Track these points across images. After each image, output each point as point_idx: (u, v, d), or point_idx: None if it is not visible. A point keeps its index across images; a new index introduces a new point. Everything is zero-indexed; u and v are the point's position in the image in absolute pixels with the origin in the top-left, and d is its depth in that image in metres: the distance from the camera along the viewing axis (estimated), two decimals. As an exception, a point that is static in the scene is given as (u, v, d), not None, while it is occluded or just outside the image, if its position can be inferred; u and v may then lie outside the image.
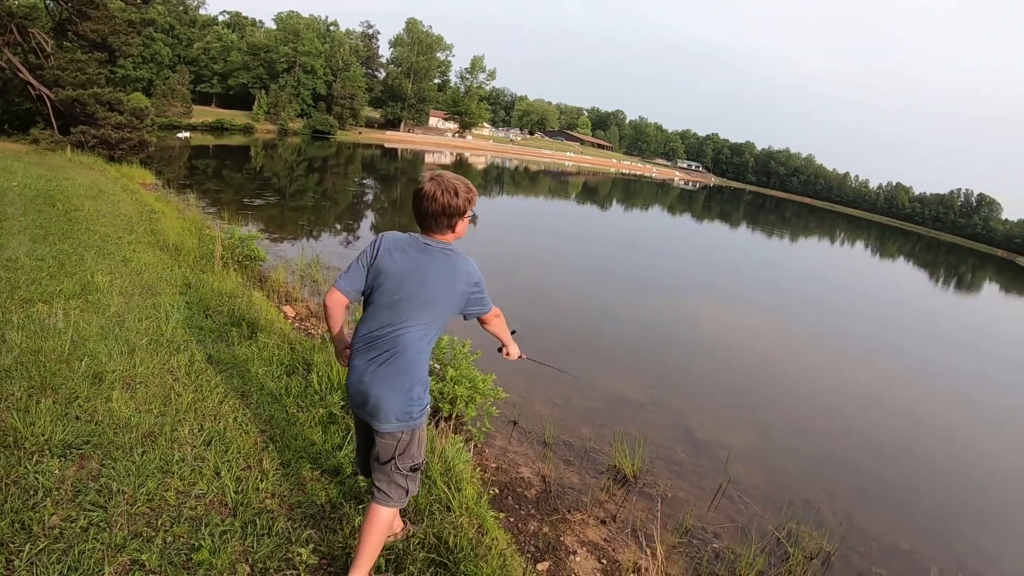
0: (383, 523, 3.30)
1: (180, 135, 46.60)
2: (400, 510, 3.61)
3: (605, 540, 5.72)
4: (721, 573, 5.73)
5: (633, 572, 5.23)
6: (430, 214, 3.10)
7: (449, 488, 4.46)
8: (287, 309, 9.60)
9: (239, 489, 3.91)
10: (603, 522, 6.05)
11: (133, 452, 4.01)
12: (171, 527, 3.46)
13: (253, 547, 3.48)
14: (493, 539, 4.14)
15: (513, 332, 3.89)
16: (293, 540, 3.62)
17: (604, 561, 5.33)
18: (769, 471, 8.39)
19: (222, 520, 3.62)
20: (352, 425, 4.88)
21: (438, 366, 6.67)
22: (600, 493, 6.67)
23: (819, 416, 10.89)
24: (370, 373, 3.12)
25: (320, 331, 8.69)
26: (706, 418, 9.69)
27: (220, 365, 5.68)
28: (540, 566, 4.90)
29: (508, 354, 4.08)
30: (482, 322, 3.56)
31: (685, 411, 9.80)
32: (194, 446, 4.25)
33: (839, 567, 6.45)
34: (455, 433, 6.27)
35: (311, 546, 3.61)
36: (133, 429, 4.26)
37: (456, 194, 3.08)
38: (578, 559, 5.22)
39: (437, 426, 6.02)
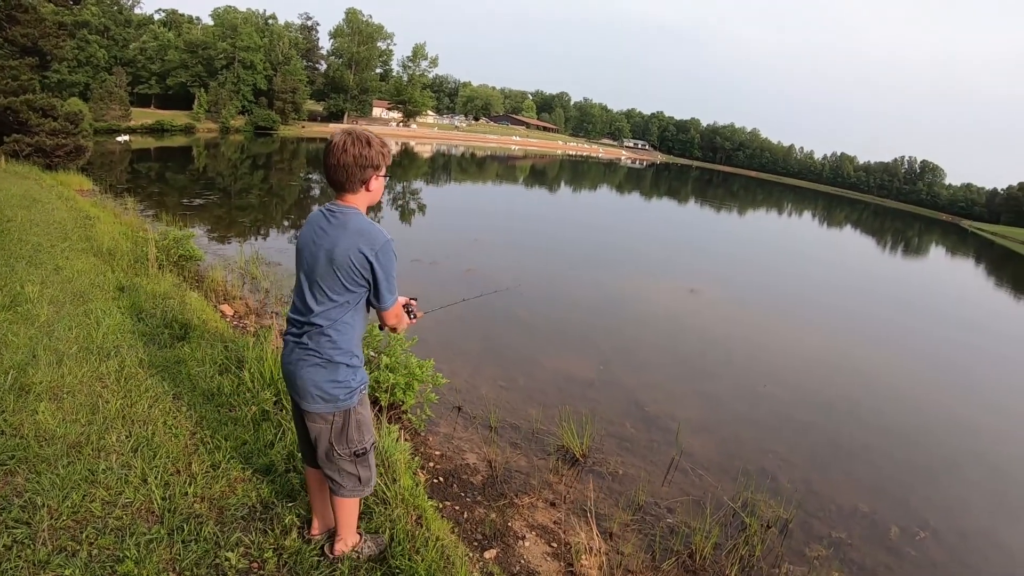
0: (348, 506, 3.31)
1: (119, 139, 45.11)
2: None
3: (555, 523, 5.54)
4: (676, 547, 5.58)
5: (585, 553, 5.05)
6: (341, 166, 2.89)
7: (385, 480, 4.24)
8: (225, 308, 9.32)
9: (166, 495, 3.74)
10: (552, 504, 5.87)
11: (58, 464, 3.83)
12: (96, 539, 3.29)
13: (180, 555, 3.31)
14: (430, 530, 3.92)
15: (414, 299, 3.46)
16: (222, 544, 3.45)
17: (554, 544, 5.15)
18: (722, 441, 8.32)
19: (148, 528, 3.44)
20: (284, 420, 4.75)
21: (373, 354, 6.40)
22: (549, 475, 6.50)
23: (768, 383, 10.87)
24: (296, 353, 3.04)
25: (255, 327, 8.39)
26: (656, 392, 9.60)
27: (152, 369, 5.46)
28: (487, 554, 4.70)
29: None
30: (381, 320, 3.19)
31: (634, 386, 9.68)
32: (121, 454, 4.06)
33: (798, 534, 6.38)
34: (393, 423, 6.03)
35: (240, 549, 3.44)
36: (59, 440, 4.08)
37: (368, 144, 2.91)
38: (527, 544, 5.04)
39: (374, 417, 5.75)
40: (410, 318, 3.33)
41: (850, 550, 6.31)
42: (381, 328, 3.39)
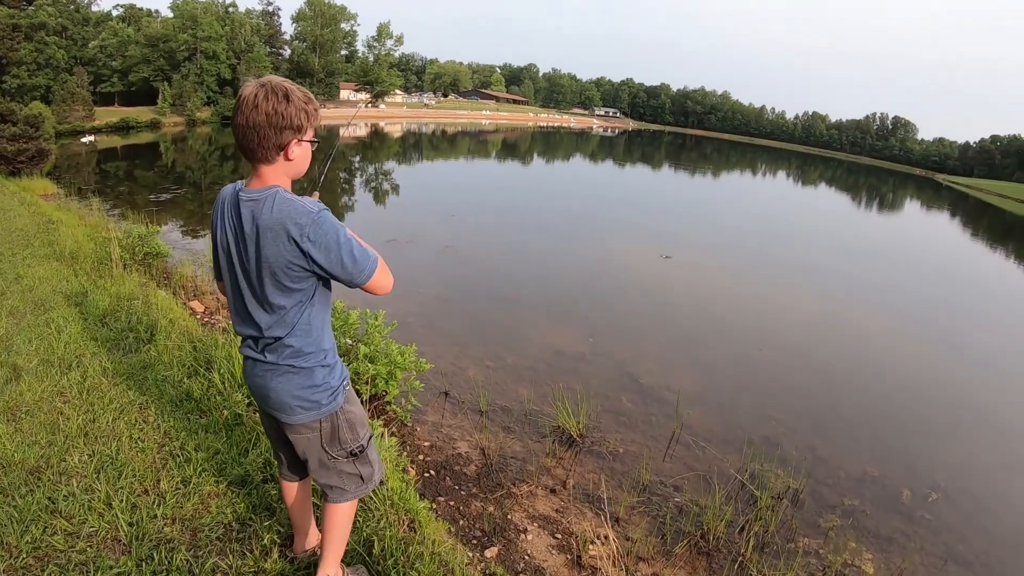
0: (342, 518, 2.84)
1: (84, 140, 43.89)
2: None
3: (557, 511, 5.19)
4: (687, 528, 5.25)
5: (592, 542, 4.71)
6: (251, 127, 2.23)
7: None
8: (195, 304, 8.86)
9: (133, 520, 3.34)
10: (552, 491, 5.52)
11: (15, 494, 3.42)
12: None
13: None
14: (425, 536, 3.54)
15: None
16: (196, 573, 3.06)
17: (559, 535, 4.80)
18: (721, 411, 8.01)
19: (116, 560, 3.05)
20: (258, 423, 4.34)
21: (349, 342, 5.97)
22: (546, 459, 6.13)
23: (763, 347, 10.59)
24: (259, 367, 2.55)
25: (227, 322, 7.96)
26: (649, 363, 9.27)
27: (116, 377, 5.05)
28: (488, 552, 4.34)
29: None
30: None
31: (626, 358, 9.34)
32: (84, 476, 3.66)
33: (810, 504, 6.09)
34: (375, 417, 5.64)
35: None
36: (17, 467, 3.67)
37: (287, 98, 2.25)
38: (530, 537, 4.68)
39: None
40: None
41: (864, 518, 6.03)
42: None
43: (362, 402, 5.59)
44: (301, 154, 2.38)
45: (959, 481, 7.12)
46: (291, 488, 2.99)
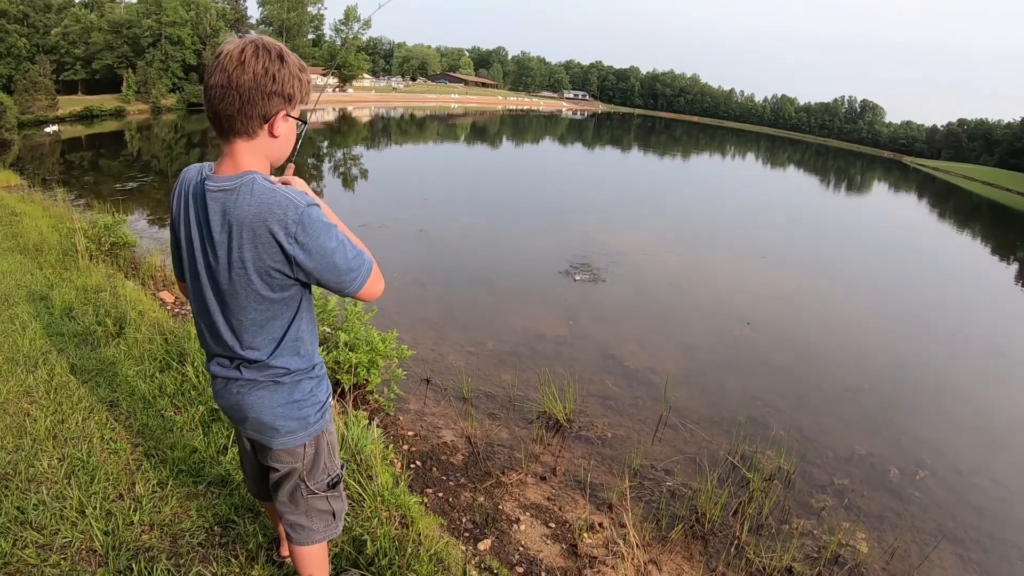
0: (316, 558, 2.48)
1: (48, 129, 42.81)
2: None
3: (549, 499, 5.04)
4: (682, 513, 5.13)
5: (587, 531, 4.57)
6: (234, 88, 1.80)
7: (358, 477, 3.67)
8: (164, 295, 8.57)
9: (109, 528, 3.10)
10: (543, 479, 5.37)
11: None
12: None
13: None
14: (419, 532, 3.37)
15: None
16: None
17: (552, 524, 4.65)
18: (706, 392, 7.92)
19: (92, 573, 2.83)
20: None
21: (328, 330, 5.76)
22: (534, 445, 5.98)
23: (744, 328, 10.52)
24: (232, 386, 2.12)
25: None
26: (631, 345, 9.15)
27: (85, 375, 4.78)
28: (481, 545, 4.18)
29: None
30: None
31: (608, 341, 9.21)
32: (54, 482, 3.40)
33: (801, 484, 6.01)
34: (358, 407, 5.45)
35: None
36: None
37: (281, 59, 1.86)
38: (523, 527, 4.53)
39: (336, 403, 5.13)
40: None
41: (855, 496, 5.98)
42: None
43: (343, 392, 5.41)
44: (286, 133, 1.96)
45: (943, 458, 7.11)
46: (266, 503, 2.71)
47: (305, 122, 2.07)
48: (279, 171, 2.07)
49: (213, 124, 1.88)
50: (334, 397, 5.08)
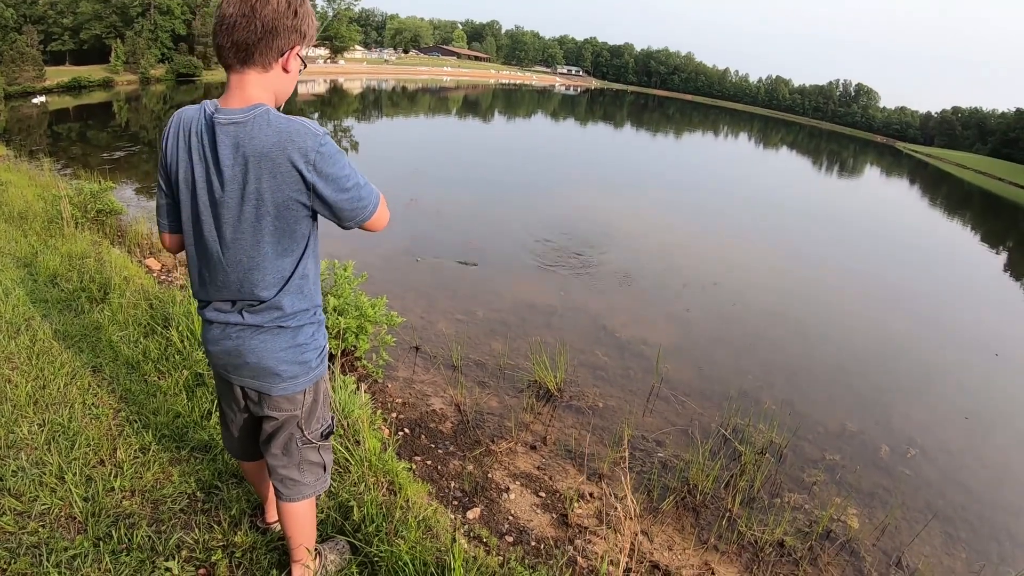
0: (302, 520, 2.42)
1: (36, 101, 42.17)
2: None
3: (539, 468, 4.95)
4: (673, 485, 5.05)
5: (577, 500, 4.49)
6: (256, 16, 1.77)
7: (346, 443, 3.56)
8: (151, 262, 8.44)
9: (89, 494, 3.00)
10: (533, 448, 5.28)
11: None
12: (10, 564, 2.57)
13: (111, 570, 2.59)
14: (408, 499, 3.26)
15: None
16: (159, 551, 2.74)
17: (542, 494, 4.56)
18: (697, 365, 7.84)
19: (71, 541, 2.72)
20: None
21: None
22: (524, 415, 5.88)
23: (736, 301, 10.47)
24: (230, 329, 2.03)
25: (185, 279, 7.57)
26: (623, 316, 9.06)
27: (68, 340, 4.69)
28: (470, 514, 4.09)
29: None
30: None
31: (600, 310, 9.13)
32: (34, 448, 3.31)
33: (792, 458, 5.95)
34: (346, 373, 5.34)
35: (183, 554, 2.74)
36: None
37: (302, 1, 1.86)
38: (512, 496, 4.44)
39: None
40: None
41: (846, 472, 5.92)
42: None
43: (331, 358, 5.29)
44: (295, 70, 1.95)
45: (933, 436, 7.09)
46: (249, 464, 2.61)
47: (305, 65, 2.03)
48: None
49: (224, 55, 1.85)
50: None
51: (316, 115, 39.03)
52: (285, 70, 1.91)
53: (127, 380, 4.15)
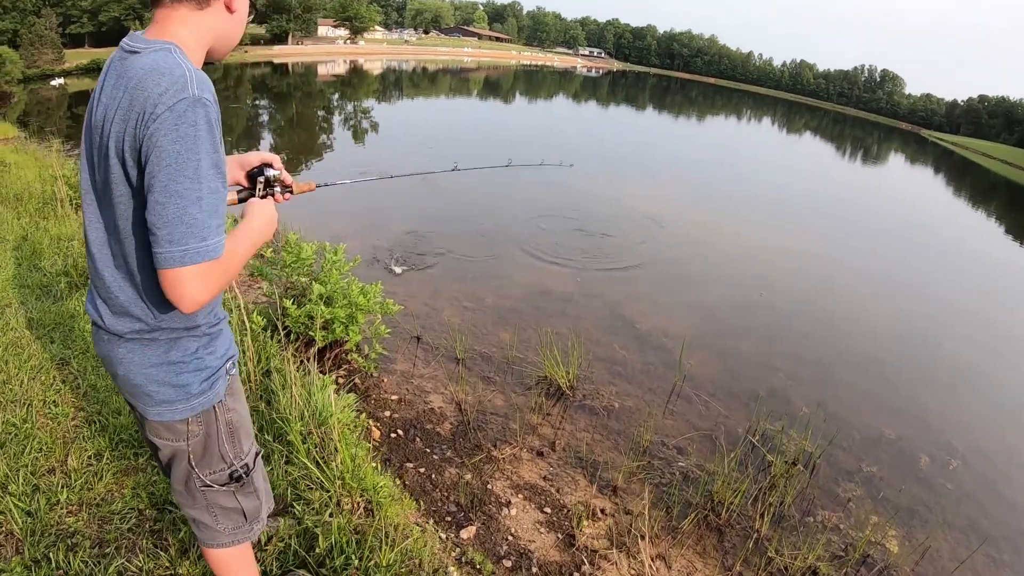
0: (230, 565, 1.97)
1: (54, 83, 42.38)
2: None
3: (545, 479, 4.44)
4: (695, 500, 4.51)
5: (587, 518, 3.99)
6: None
7: (315, 456, 3.07)
8: (142, 245, 8.04)
9: (32, 508, 2.69)
10: (540, 454, 4.76)
11: None
12: None
13: None
14: (387, 521, 2.76)
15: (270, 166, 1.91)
16: None
17: (548, 510, 4.05)
18: (722, 359, 7.30)
19: (6, 562, 2.41)
20: None
21: (304, 280, 5.11)
22: (531, 415, 5.36)
23: (763, 290, 9.89)
24: (99, 328, 1.62)
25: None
26: (642, 305, 8.52)
27: (41, 329, 4.42)
28: (465, 533, 3.60)
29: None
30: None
31: (619, 298, 8.59)
32: None
33: (826, 469, 5.39)
34: (336, 369, 4.84)
35: None
36: None
37: None
38: (514, 512, 3.94)
39: (303, 360, 4.48)
40: (274, 194, 1.86)
41: (884, 486, 5.36)
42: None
43: (317, 352, 4.79)
44: (242, 12, 1.60)
45: (973, 442, 6.49)
46: None
47: (257, 9, 1.48)
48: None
49: None
50: (305, 354, 4.46)
51: (336, 95, 38.60)
52: (229, 9, 1.57)
53: (93, 375, 3.86)
